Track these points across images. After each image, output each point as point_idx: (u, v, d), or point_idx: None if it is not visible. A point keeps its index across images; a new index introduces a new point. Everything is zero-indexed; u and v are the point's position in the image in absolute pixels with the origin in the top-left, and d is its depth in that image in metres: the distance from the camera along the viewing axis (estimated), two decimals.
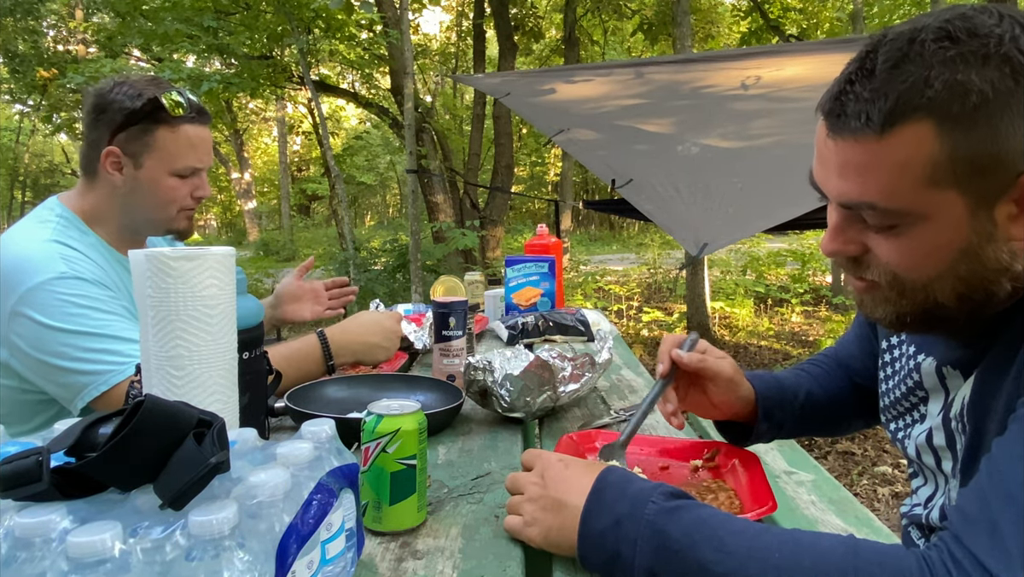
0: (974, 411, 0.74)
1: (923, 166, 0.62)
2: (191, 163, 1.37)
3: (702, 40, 12.76)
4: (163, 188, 1.36)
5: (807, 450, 2.93)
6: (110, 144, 1.33)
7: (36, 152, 24.95)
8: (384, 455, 0.77)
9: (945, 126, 0.61)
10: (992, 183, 0.63)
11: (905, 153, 0.62)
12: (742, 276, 9.74)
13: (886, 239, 0.68)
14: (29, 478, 0.51)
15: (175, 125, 1.33)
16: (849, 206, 0.69)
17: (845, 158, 0.66)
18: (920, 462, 0.88)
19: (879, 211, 0.66)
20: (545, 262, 2.08)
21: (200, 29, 7.44)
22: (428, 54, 15.20)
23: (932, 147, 0.61)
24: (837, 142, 0.66)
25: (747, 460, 0.97)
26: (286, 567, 0.53)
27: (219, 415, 0.58)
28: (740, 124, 3.76)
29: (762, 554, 0.60)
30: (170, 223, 1.42)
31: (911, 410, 0.90)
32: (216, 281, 0.79)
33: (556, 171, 19.60)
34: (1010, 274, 0.67)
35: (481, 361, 1.18)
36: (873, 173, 0.64)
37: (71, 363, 1.20)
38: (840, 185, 0.68)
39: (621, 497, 0.68)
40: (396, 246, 9.22)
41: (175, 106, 1.31)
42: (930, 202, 0.64)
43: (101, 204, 1.38)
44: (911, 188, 0.63)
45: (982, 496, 0.58)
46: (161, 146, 1.34)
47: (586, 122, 4.27)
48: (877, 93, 0.62)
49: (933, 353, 0.83)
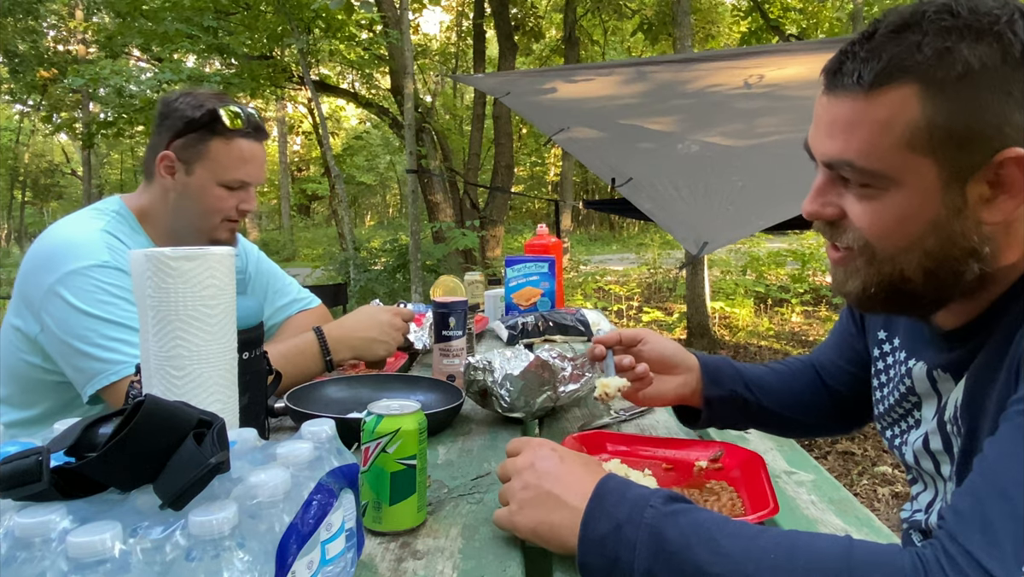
0: (968, 413, 0.75)
1: (903, 128, 0.65)
2: (240, 176, 1.41)
3: (702, 40, 12.76)
4: (210, 197, 1.40)
5: (807, 450, 2.93)
6: (167, 149, 1.38)
7: (36, 152, 24.96)
8: (384, 455, 0.77)
9: (929, 91, 0.64)
10: (967, 158, 0.65)
11: (888, 113, 0.65)
12: (742, 276, 9.74)
13: (860, 202, 0.70)
14: (29, 478, 0.51)
15: (230, 138, 1.38)
16: (831, 164, 0.71)
17: (834, 115, 0.70)
18: (919, 468, 0.88)
19: (856, 170, 0.69)
20: (545, 262, 2.08)
21: (200, 29, 7.44)
22: (428, 54, 15.20)
23: (914, 111, 0.64)
24: (830, 99, 0.70)
25: (751, 462, 0.97)
26: (286, 567, 0.53)
27: (219, 415, 0.58)
28: (741, 122, 3.76)
29: (757, 555, 0.60)
30: (213, 232, 1.44)
31: (905, 416, 0.91)
32: (216, 281, 0.79)
33: (556, 171, 19.61)
34: (978, 256, 0.68)
35: (481, 361, 1.18)
36: (857, 130, 0.67)
37: (90, 348, 1.23)
38: (826, 143, 0.71)
39: (621, 502, 0.68)
40: (396, 246, 9.22)
41: (233, 118, 1.37)
42: (905, 167, 0.66)
43: (154, 205, 1.44)
44: (889, 149, 0.66)
45: (975, 494, 0.58)
46: (213, 156, 1.38)
47: (586, 121, 4.27)
48: (872, 53, 0.66)
49: (924, 358, 0.84)
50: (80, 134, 12.13)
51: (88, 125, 10.50)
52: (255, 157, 1.43)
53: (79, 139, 13.49)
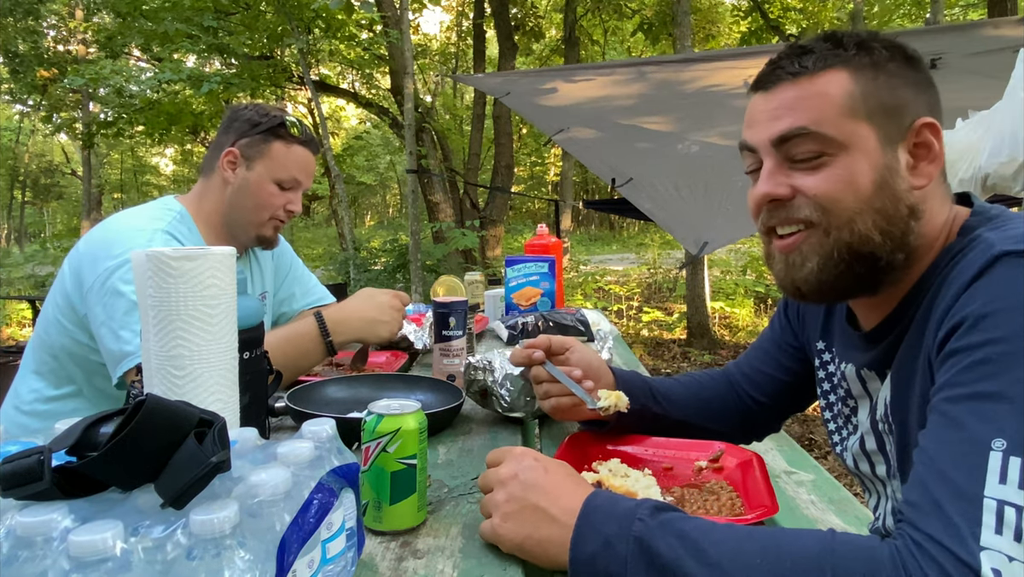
0: (897, 410, 0.80)
1: (842, 98, 0.77)
2: (294, 175, 1.57)
3: (702, 40, 12.76)
4: (264, 192, 1.55)
5: (807, 450, 2.92)
6: (232, 146, 1.54)
7: (36, 152, 24.96)
8: (384, 455, 0.77)
9: (856, 74, 0.78)
10: (895, 124, 0.77)
11: (827, 87, 0.77)
12: (742, 276, 9.74)
13: (813, 174, 0.78)
14: (30, 477, 0.51)
15: (289, 143, 1.56)
16: (784, 137, 0.78)
17: (780, 101, 0.79)
18: (858, 471, 0.93)
19: (810, 135, 0.77)
20: (545, 262, 2.08)
21: (200, 29, 7.44)
22: (428, 54, 15.20)
23: (849, 86, 0.77)
24: (772, 92, 0.81)
25: (751, 462, 0.97)
26: (286, 566, 0.53)
27: (220, 414, 0.58)
28: (740, 122, 3.75)
29: (746, 559, 0.61)
30: (261, 228, 1.59)
31: (847, 423, 0.96)
32: (217, 281, 0.79)
33: (556, 171, 19.60)
34: (916, 216, 0.78)
35: (481, 361, 1.18)
36: (804, 103, 0.78)
37: (125, 332, 1.31)
38: (773, 126, 0.79)
39: (608, 518, 0.68)
40: (396, 246, 9.22)
41: (293, 126, 1.56)
42: (851, 132, 0.76)
43: (209, 200, 1.58)
44: (835, 116, 0.76)
45: (922, 483, 0.62)
46: (273, 156, 1.55)
47: (586, 121, 4.28)
48: (804, 51, 0.80)
49: (852, 359, 0.90)
50: (80, 134, 12.13)
51: (88, 125, 10.51)
52: (308, 164, 1.61)
53: (79, 139, 13.48)
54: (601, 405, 1.00)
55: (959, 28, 5.30)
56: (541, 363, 1.05)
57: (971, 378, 0.63)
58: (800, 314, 1.07)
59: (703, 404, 1.12)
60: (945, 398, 0.65)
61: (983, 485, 0.57)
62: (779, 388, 1.10)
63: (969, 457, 0.59)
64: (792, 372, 1.09)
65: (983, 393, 0.62)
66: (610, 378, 1.08)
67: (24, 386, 1.50)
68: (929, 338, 0.72)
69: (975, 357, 0.64)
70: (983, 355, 0.63)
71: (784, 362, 1.09)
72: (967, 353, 0.65)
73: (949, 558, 0.56)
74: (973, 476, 0.58)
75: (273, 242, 1.64)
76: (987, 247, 0.69)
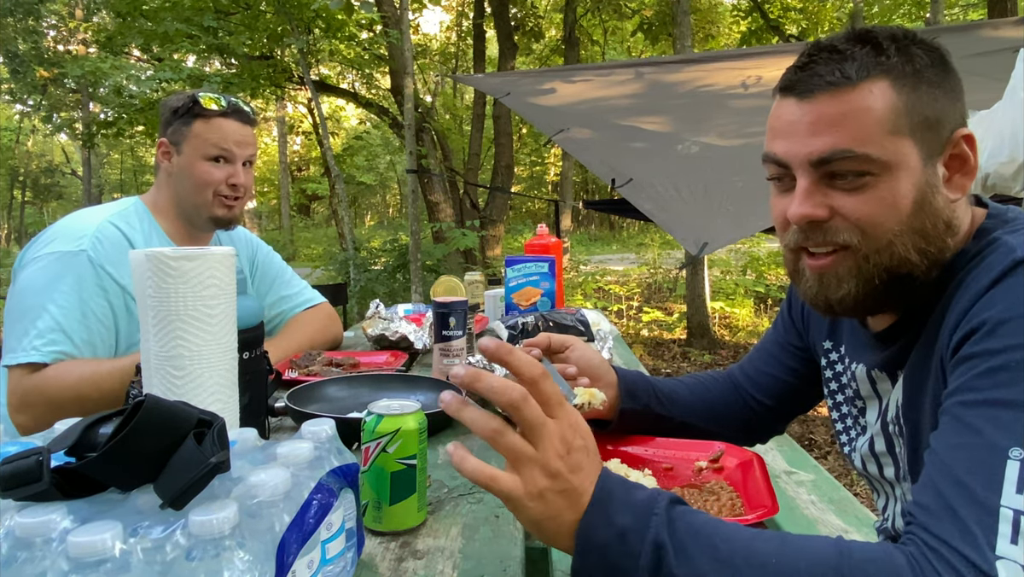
0: (908, 412, 0.79)
1: (886, 113, 0.72)
2: (221, 147, 1.56)
3: (702, 40, 12.76)
4: (198, 171, 1.56)
5: (807, 450, 2.93)
6: (162, 137, 1.58)
7: (36, 152, 24.95)
8: (384, 455, 0.77)
9: (897, 84, 0.73)
10: (935, 137, 0.74)
11: (871, 101, 0.72)
12: (742, 276, 9.74)
13: (853, 196, 0.74)
14: (29, 478, 0.51)
15: (209, 118, 1.56)
16: (825, 159, 0.73)
17: (819, 114, 0.74)
18: (866, 473, 0.92)
19: (855, 157, 0.72)
20: (545, 262, 2.08)
21: (200, 29, 7.43)
22: (428, 54, 15.19)
23: (892, 98, 0.72)
24: (810, 102, 0.74)
25: (751, 462, 0.97)
26: (286, 567, 0.53)
27: (219, 415, 0.58)
28: (740, 122, 3.76)
29: (760, 560, 0.59)
30: (209, 208, 1.59)
31: (855, 423, 0.95)
32: (216, 281, 0.79)
33: (556, 171, 19.60)
34: (952, 231, 0.76)
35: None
36: (847, 121, 0.73)
37: (15, 325, 1.36)
38: (813, 143, 0.74)
39: (624, 508, 0.62)
40: (396, 246, 9.21)
41: (210, 102, 1.56)
42: (894, 151, 0.72)
43: (162, 193, 1.61)
44: (879, 135, 0.72)
45: (935, 487, 0.61)
46: (196, 134, 1.56)
47: (586, 121, 4.27)
48: (844, 57, 0.74)
49: (863, 360, 0.88)
50: (80, 134, 12.13)
51: (88, 125, 10.49)
52: (235, 133, 1.58)
53: (79, 139, 13.48)
54: (575, 403, 0.97)
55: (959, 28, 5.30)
56: (538, 361, 1.04)
57: (988, 384, 0.63)
58: (805, 315, 1.06)
59: (707, 406, 1.12)
60: (960, 402, 0.64)
61: (1000, 494, 0.57)
62: (783, 390, 1.10)
63: (986, 465, 0.59)
64: (796, 373, 1.08)
65: (1000, 400, 0.61)
66: (612, 377, 1.07)
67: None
68: (943, 341, 0.71)
69: (992, 363, 0.63)
70: (1001, 361, 0.63)
71: (788, 363, 1.09)
72: (984, 358, 0.64)
73: (966, 565, 0.55)
74: (990, 484, 0.58)
75: (229, 221, 1.63)
76: (1007, 251, 0.68)
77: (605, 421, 1.07)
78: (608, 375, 1.07)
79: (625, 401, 1.06)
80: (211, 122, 1.56)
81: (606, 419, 1.06)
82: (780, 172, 0.79)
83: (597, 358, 1.08)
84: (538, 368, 0.61)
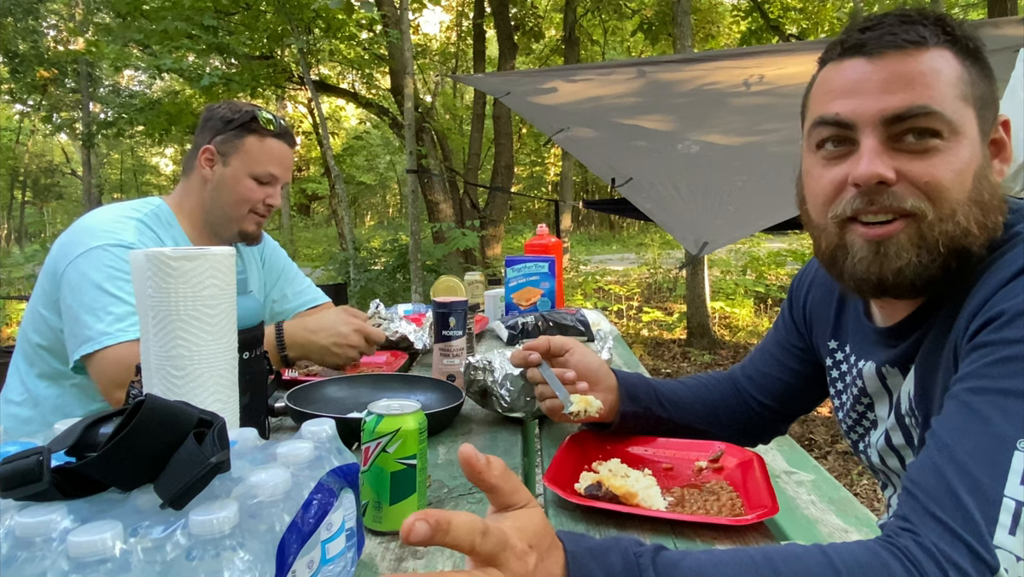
0: (922, 403, 0.79)
1: (956, 79, 0.73)
2: (269, 169, 1.58)
3: (702, 40, 12.75)
4: (241, 187, 1.57)
5: (807, 450, 2.93)
6: (208, 144, 1.56)
7: (36, 152, 24.95)
8: (384, 455, 0.77)
9: (960, 56, 0.74)
10: (989, 115, 0.75)
11: (943, 65, 0.73)
12: (742, 276, 9.74)
13: (921, 159, 0.72)
14: (30, 478, 0.51)
15: (263, 136, 1.57)
16: (901, 115, 0.72)
17: (892, 70, 0.73)
18: (886, 468, 0.91)
19: (931, 114, 0.71)
20: (545, 262, 2.08)
21: (200, 29, 7.44)
22: (428, 54, 15.19)
23: (958, 68, 0.73)
24: (883, 59, 0.73)
25: (751, 461, 0.97)
26: (286, 567, 0.53)
27: (219, 415, 0.58)
28: (741, 122, 3.76)
29: None
30: (241, 222, 1.60)
31: (860, 420, 0.94)
32: (216, 281, 0.79)
33: (556, 171, 19.59)
34: (1001, 210, 0.75)
35: (481, 361, 1.18)
36: (924, 79, 0.72)
37: (88, 316, 1.33)
38: (887, 99, 0.72)
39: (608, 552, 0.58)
40: (396, 246, 9.21)
41: (267, 122, 1.57)
42: (962, 117, 0.72)
43: (191, 198, 1.60)
44: (951, 97, 0.72)
45: (937, 470, 0.61)
46: (247, 150, 1.56)
47: (586, 121, 4.27)
48: (913, 20, 0.74)
49: (872, 357, 0.88)
50: (80, 134, 12.13)
51: (88, 125, 10.50)
52: (284, 157, 1.61)
53: (79, 139, 13.48)
54: (571, 410, 0.97)
55: None
56: (537, 364, 1.04)
57: (1000, 373, 0.63)
58: (807, 315, 1.06)
59: (708, 408, 1.11)
60: (969, 388, 0.64)
61: (1004, 484, 0.57)
62: (785, 391, 1.09)
63: (992, 453, 0.59)
64: (798, 374, 1.08)
65: (1011, 390, 0.61)
66: (611, 381, 1.06)
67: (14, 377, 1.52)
68: (959, 328, 0.71)
69: (1007, 352, 0.63)
70: (1015, 352, 0.62)
71: (790, 364, 1.09)
72: (998, 348, 0.64)
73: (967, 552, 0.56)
74: (995, 473, 0.58)
75: (256, 237, 1.65)
76: None
77: (606, 423, 1.07)
78: (607, 379, 1.06)
79: (626, 404, 1.05)
80: (265, 141, 1.57)
81: (607, 421, 1.06)
82: (838, 134, 0.76)
83: (596, 362, 1.07)
84: (471, 537, 0.51)
